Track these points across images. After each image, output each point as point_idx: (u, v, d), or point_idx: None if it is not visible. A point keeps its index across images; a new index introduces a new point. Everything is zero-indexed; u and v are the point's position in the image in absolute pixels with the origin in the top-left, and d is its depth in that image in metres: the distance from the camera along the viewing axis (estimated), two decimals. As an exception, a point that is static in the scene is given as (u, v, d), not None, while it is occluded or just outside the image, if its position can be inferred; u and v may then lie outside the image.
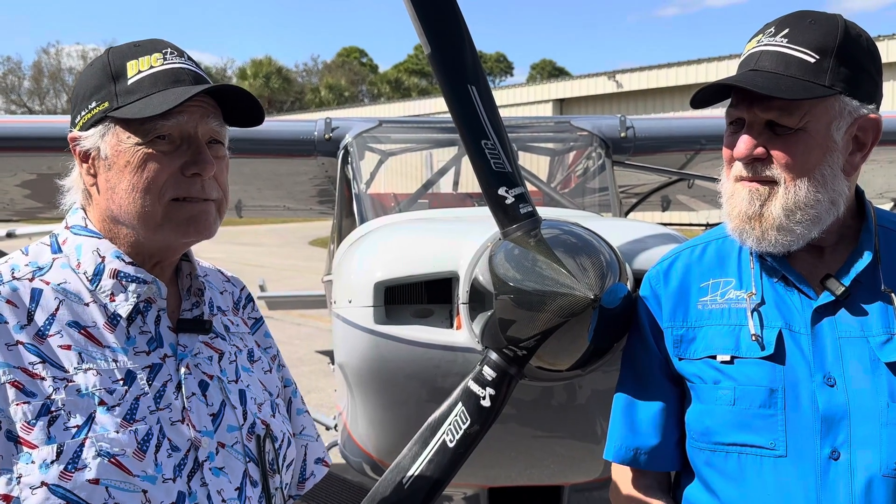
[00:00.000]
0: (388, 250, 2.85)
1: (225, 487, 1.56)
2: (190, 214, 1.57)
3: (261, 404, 1.71)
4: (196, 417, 1.56)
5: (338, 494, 5.83)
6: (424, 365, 2.60)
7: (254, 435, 1.65)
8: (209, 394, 1.61)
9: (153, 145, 1.54)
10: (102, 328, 1.53)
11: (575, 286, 1.93)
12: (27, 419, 1.40)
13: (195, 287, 1.71)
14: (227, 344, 1.73)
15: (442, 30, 2.10)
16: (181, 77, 1.57)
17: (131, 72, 1.57)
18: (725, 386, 1.75)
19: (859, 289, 1.72)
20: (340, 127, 4.58)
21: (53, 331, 1.48)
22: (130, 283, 1.57)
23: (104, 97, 1.57)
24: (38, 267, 1.55)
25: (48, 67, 71.78)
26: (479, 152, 2.10)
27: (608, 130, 4.61)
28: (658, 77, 25.87)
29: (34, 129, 4.71)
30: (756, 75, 1.70)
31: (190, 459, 1.53)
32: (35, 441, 1.40)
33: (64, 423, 1.42)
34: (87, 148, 1.58)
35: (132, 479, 1.44)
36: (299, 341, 11.53)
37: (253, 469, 1.63)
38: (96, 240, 1.60)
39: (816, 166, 1.70)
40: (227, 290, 1.85)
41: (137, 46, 1.61)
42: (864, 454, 1.63)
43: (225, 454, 1.59)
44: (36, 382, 1.43)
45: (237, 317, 1.83)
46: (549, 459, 2.87)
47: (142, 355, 1.55)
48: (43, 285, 1.52)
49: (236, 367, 1.71)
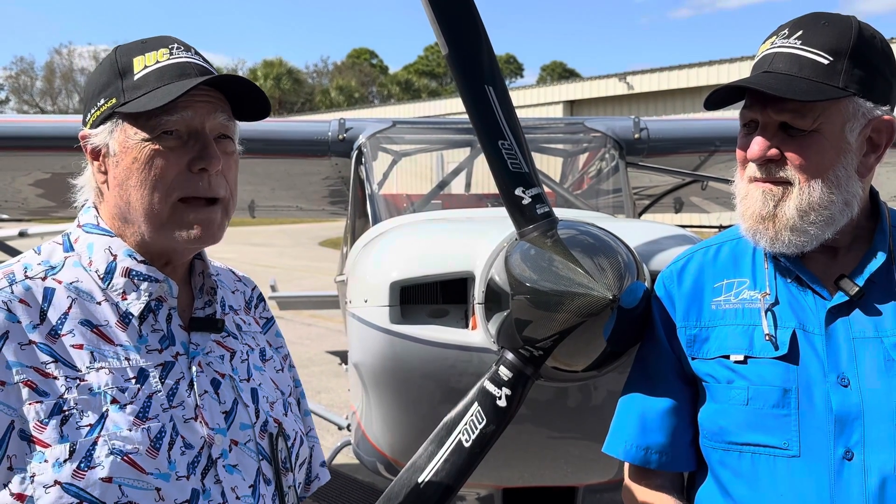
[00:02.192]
0: (403, 250, 2.86)
1: (239, 485, 1.56)
2: (195, 220, 1.56)
3: (273, 403, 1.71)
4: (209, 415, 1.56)
5: (349, 494, 5.84)
6: (440, 365, 2.60)
7: (266, 433, 1.65)
8: (221, 392, 1.61)
9: (160, 141, 1.53)
10: (114, 327, 1.53)
11: (593, 286, 1.92)
12: (40, 418, 1.40)
13: (208, 286, 1.71)
14: (239, 343, 1.72)
15: (459, 30, 2.10)
16: (187, 70, 1.56)
17: (138, 67, 1.56)
18: (739, 386, 1.75)
19: (873, 289, 1.72)
20: (354, 127, 4.58)
21: (66, 330, 1.48)
22: (142, 281, 1.57)
23: (112, 93, 1.56)
24: (51, 266, 1.55)
25: (60, 68, 72.18)
26: (496, 153, 2.10)
27: (622, 132, 4.60)
28: (669, 79, 25.83)
29: (48, 129, 4.73)
30: (769, 77, 1.70)
31: (203, 457, 1.53)
32: (48, 440, 1.40)
33: (76, 421, 1.42)
34: (97, 145, 1.58)
35: (145, 476, 1.44)
36: (310, 341, 11.55)
37: (266, 467, 1.63)
38: (108, 238, 1.59)
39: (830, 167, 1.70)
40: (239, 290, 1.85)
41: (145, 43, 1.60)
42: (878, 454, 1.63)
43: (238, 452, 1.59)
44: (49, 382, 1.43)
45: (249, 316, 1.83)
46: (564, 460, 2.87)
47: (154, 353, 1.55)
48: (55, 284, 1.52)
49: (248, 366, 1.71)
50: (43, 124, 4.90)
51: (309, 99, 73.20)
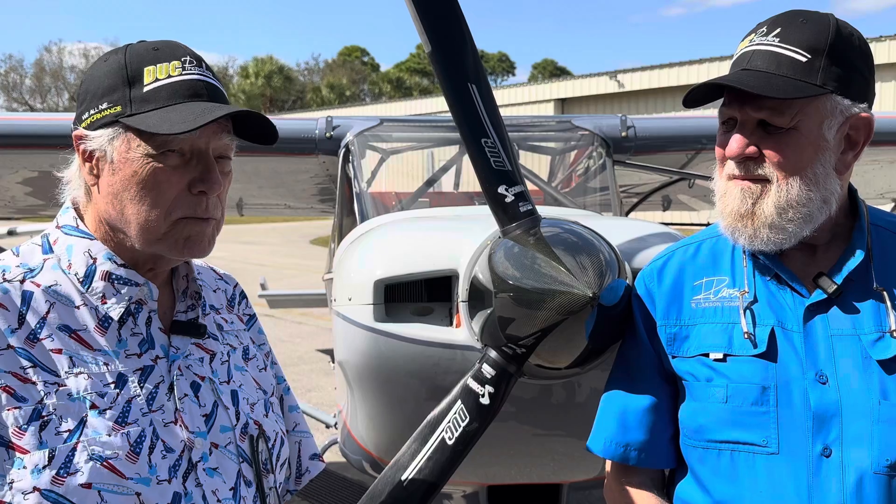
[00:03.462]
0: (388, 248, 2.86)
1: (219, 488, 1.56)
2: (188, 234, 1.55)
3: (253, 404, 1.71)
4: (189, 418, 1.56)
5: (338, 492, 5.84)
6: (424, 363, 2.60)
7: (247, 435, 1.65)
8: (201, 395, 1.60)
9: (163, 158, 1.51)
10: (93, 331, 1.52)
11: (574, 284, 1.93)
12: (18, 424, 1.39)
13: (192, 290, 1.70)
14: (220, 344, 1.72)
15: (442, 28, 2.10)
16: (199, 91, 1.54)
17: (148, 78, 1.52)
18: (718, 384, 1.75)
19: (851, 287, 1.73)
20: (342, 125, 4.59)
21: (45, 334, 1.47)
22: (122, 285, 1.56)
23: (117, 100, 1.52)
24: (30, 269, 1.53)
25: (50, 65, 71.92)
26: (480, 151, 2.11)
27: (609, 130, 4.62)
28: (660, 77, 25.86)
29: (36, 127, 4.71)
30: (747, 75, 1.70)
31: (184, 460, 1.53)
32: (27, 446, 1.39)
33: (56, 427, 1.41)
34: (93, 148, 1.55)
35: (125, 482, 1.43)
36: (300, 340, 11.55)
37: (247, 469, 1.63)
38: (87, 241, 1.57)
39: (808, 165, 1.71)
40: (221, 288, 1.84)
41: (157, 50, 1.56)
42: (856, 451, 1.64)
43: (218, 455, 1.59)
44: (27, 387, 1.42)
45: (232, 314, 1.82)
46: (548, 457, 2.88)
47: (133, 358, 1.54)
48: (34, 287, 1.50)
49: (228, 368, 1.70)
50: (32, 122, 4.88)
51: (300, 97, 73.14)
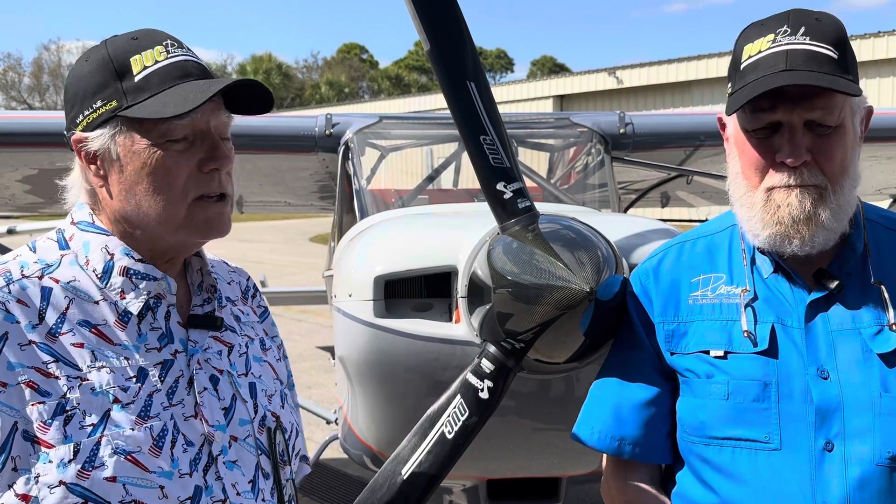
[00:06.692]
0: (387, 245, 2.89)
1: (239, 480, 1.58)
2: (208, 216, 1.56)
3: (271, 396, 1.72)
4: (208, 412, 1.57)
5: (338, 488, 5.85)
6: (424, 358, 2.62)
7: (265, 428, 1.66)
8: (220, 388, 1.61)
9: (168, 144, 1.51)
10: (113, 326, 1.52)
11: (571, 279, 1.95)
12: (43, 419, 1.41)
13: (207, 283, 1.71)
14: (238, 336, 1.72)
15: (440, 26, 2.11)
16: (189, 71, 1.54)
17: (136, 67, 1.51)
18: (719, 380, 1.76)
19: (850, 282, 1.74)
20: (341, 123, 4.60)
21: (65, 329, 1.47)
22: (141, 280, 1.56)
23: (111, 95, 1.51)
24: (47, 264, 1.53)
25: (48, 64, 71.75)
26: (478, 148, 2.12)
27: (607, 126, 4.62)
28: (658, 73, 25.81)
29: (36, 125, 4.71)
30: (799, 75, 1.64)
31: (204, 454, 1.54)
32: (52, 441, 1.41)
33: (80, 421, 1.42)
34: (95, 150, 1.53)
35: (149, 475, 1.45)
36: (300, 337, 11.55)
37: (264, 461, 1.64)
38: (104, 237, 1.57)
39: (851, 162, 1.72)
40: (234, 280, 1.85)
41: (136, 39, 1.55)
42: (858, 445, 1.65)
43: (238, 447, 1.60)
44: (50, 382, 1.43)
45: (247, 306, 1.83)
46: (547, 451, 2.90)
47: (153, 352, 1.55)
48: (52, 283, 1.51)
49: (247, 360, 1.71)
50: (31, 120, 4.88)
51: (299, 94, 73.06)
